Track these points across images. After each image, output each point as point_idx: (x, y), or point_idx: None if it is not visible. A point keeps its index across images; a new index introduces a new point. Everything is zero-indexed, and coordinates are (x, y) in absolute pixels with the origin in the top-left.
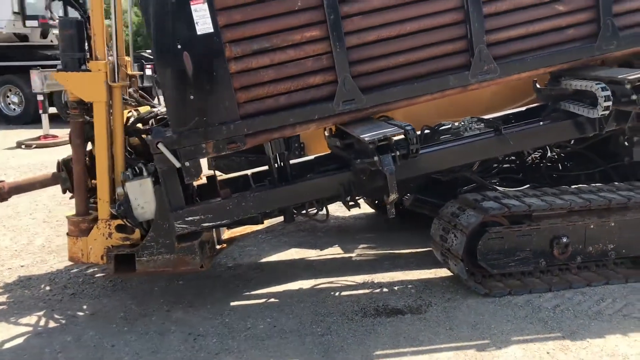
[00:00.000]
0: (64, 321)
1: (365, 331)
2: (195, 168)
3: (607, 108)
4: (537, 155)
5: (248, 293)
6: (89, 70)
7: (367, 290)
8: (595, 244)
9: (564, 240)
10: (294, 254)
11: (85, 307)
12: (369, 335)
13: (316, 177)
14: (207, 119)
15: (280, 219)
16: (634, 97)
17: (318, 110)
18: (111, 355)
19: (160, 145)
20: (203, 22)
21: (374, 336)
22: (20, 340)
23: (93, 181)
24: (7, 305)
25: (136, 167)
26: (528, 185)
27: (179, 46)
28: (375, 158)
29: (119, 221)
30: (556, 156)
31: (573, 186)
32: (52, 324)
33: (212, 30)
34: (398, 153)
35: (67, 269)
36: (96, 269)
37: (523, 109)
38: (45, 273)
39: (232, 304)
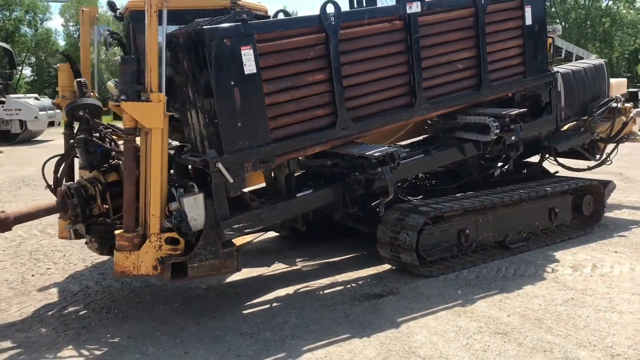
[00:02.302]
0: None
1: (372, 309)
2: (239, 183)
3: (496, 134)
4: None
5: (250, 302)
6: (150, 101)
7: (342, 287)
8: (484, 233)
9: (467, 232)
10: (247, 273)
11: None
12: (376, 311)
13: (319, 189)
14: (249, 142)
15: None
16: (512, 126)
17: (324, 135)
18: (235, 358)
19: (219, 164)
20: (249, 64)
21: (380, 311)
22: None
23: (105, 206)
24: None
25: (188, 185)
26: (422, 196)
27: (232, 83)
28: (379, 169)
29: (169, 234)
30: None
31: (461, 194)
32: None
33: (255, 71)
34: (393, 165)
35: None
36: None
37: (420, 138)
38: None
39: (244, 312)
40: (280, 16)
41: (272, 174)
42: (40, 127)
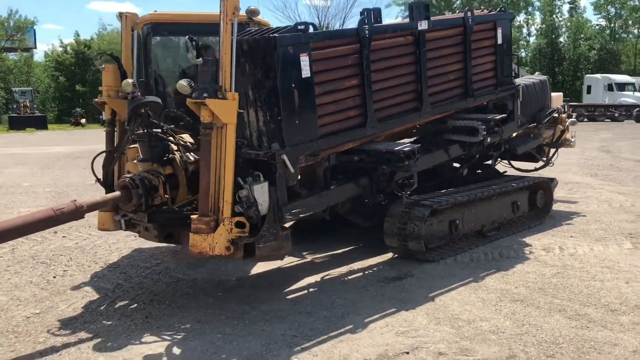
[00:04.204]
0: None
1: (400, 289)
2: (296, 174)
3: (483, 136)
4: None
5: (287, 289)
6: (226, 99)
7: (361, 273)
8: (468, 224)
9: (457, 222)
10: (265, 266)
11: (188, 317)
12: (405, 290)
13: (351, 181)
14: (303, 137)
15: None
16: (497, 129)
17: (356, 133)
18: (283, 341)
19: (284, 156)
20: (306, 69)
21: (408, 290)
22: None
23: (166, 195)
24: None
25: (255, 174)
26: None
27: (293, 85)
28: (406, 162)
29: (238, 218)
30: None
31: (444, 190)
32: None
33: (310, 75)
34: (416, 158)
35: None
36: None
37: (411, 139)
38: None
39: (287, 297)
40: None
41: (312, 167)
42: None
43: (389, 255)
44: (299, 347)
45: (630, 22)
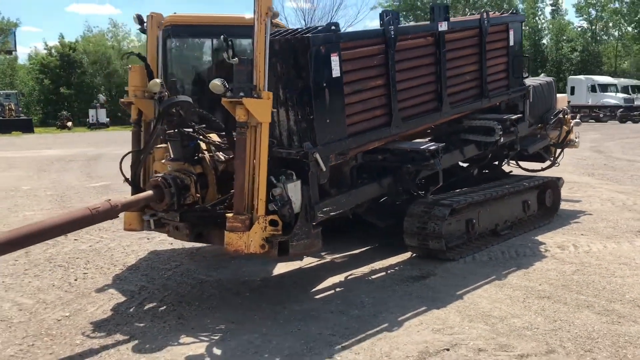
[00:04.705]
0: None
1: (426, 287)
2: (327, 172)
3: (499, 135)
4: None
5: (314, 289)
6: (261, 98)
7: (384, 273)
8: (483, 223)
9: (473, 221)
10: (285, 267)
11: (221, 317)
12: (431, 288)
13: (376, 179)
14: (333, 136)
15: None
16: (512, 129)
17: (382, 132)
18: (322, 340)
19: (316, 155)
20: (336, 69)
21: (435, 288)
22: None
23: (197, 194)
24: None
25: (287, 173)
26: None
27: (324, 84)
28: (432, 161)
29: (272, 216)
30: None
31: (458, 190)
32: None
33: (339, 74)
34: (441, 156)
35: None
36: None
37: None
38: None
39: (316, 297)
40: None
41: (339, 166)
42: None
43: (408, 254)
44: (339, 345)
45: (610, 25)
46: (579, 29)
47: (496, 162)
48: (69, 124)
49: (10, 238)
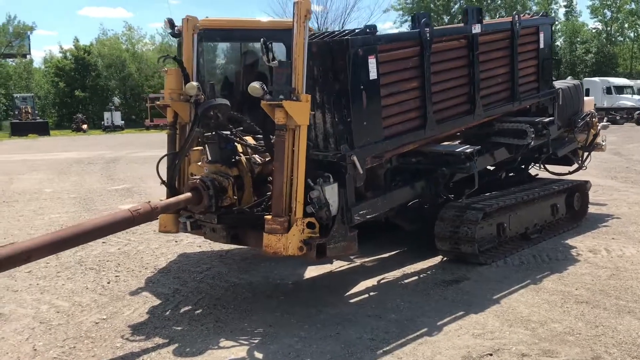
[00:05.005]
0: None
1: (461, 291)
2: (364, 175)
3: (531, 138)
4: None
5: (347, 293)
6: (300, 100)
7: (416, 277)
8: (514, 227)
9: (504, 225)
10: (316, 270)
11: (258, 320)
12: (466, 293)
13: (409, 183)
14: (370, 139)
15: None
16: (544, 131)
17: (416, 135)
18: (362, 344)
19: (354, 157)
20: (373, 71)
21: (470, 292)
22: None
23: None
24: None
25: (325, 175)
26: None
27: (362, 87)
28: (468, 164)
29: (309, 219)
30: None
31: (488, 194)
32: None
33: (376, 77)
34: (476, 159)
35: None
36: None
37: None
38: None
39: (350, 300)
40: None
41: (374, 169)
42: None
43: (438, 258)
44: (380, 350)
45: (626, 26)
46: (594, 31)
47: (522, 166)
48: (84, 126)
49: (55, 240)
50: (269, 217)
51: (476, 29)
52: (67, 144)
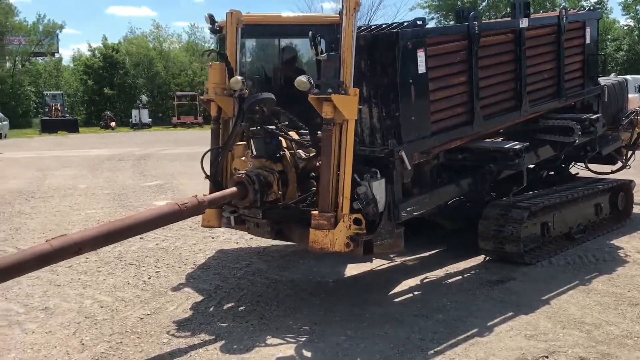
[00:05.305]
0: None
1: (508, 292)
2: (411, 171)
3: (578, 135)
4: None
5: (391, 292)
6: (348, 94)
7: (460, 277)
8: (558, 226)
9: (549, 224)
10: (356, 268)
11: (302, 318)
12: (513, 293)
13: (457, 179)
14: (417, 134)
15: None
16: (591, 129)
17: (463, 131)
18: (412, 344)
19: (402, 153)
20: (422, 65)
21: (517, 293)
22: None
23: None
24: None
25: (372, 171)
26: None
27: (410, 81)
28: (517, 161)
29: (356, 215)
30: None
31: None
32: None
33: (425, 71)
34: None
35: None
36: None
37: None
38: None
39: (395, 300)
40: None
41: (420, 165)
42: None
43: (480, 257)
44: (431, 350)
45: None
46: (626, 28)
47: (563, 165)
48: (113, 124)
49: (105, 232)
50: (315, 212)
51: (523, 23)
52: (97, 141)
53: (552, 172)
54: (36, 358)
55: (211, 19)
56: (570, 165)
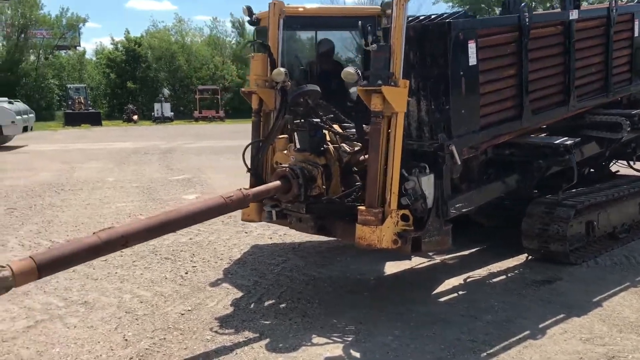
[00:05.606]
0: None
1: (556, 292)
2: (461, 166)
3: (627, 132)
4: None
5: (434, 292)
6: (398, 86)
7: (504, 276)
8: (603, 225)
9: (594, 223)
10: (395, 266)
11: (346, 316)
12: (561, 294)
13: (502, 177)
14: (467, 128)
15: None
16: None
17: (512, 126)
18: (462, 345)
19: (452, 147)
20: (473, 56)
21: (565, 294)
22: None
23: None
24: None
25: (420, 166)
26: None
27: (461, 73)
28: (567, 157)
29: (404, 211)
30: None
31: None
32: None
33: (475, 63)
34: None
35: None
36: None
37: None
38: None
39: (439, 299)
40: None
41: (466, 161)
42: (15, 132)
43: (522, 257)
44: (484, 352)
45: None
46: None
47: (604, 162)
48: (135, 117)
49: (152, 225)
50: (362, 208)
51: (573, 15)
52: (120, 135)
53: (592, 170)
54: (80, 353)
55: (249, 11)
56: (612, 163)
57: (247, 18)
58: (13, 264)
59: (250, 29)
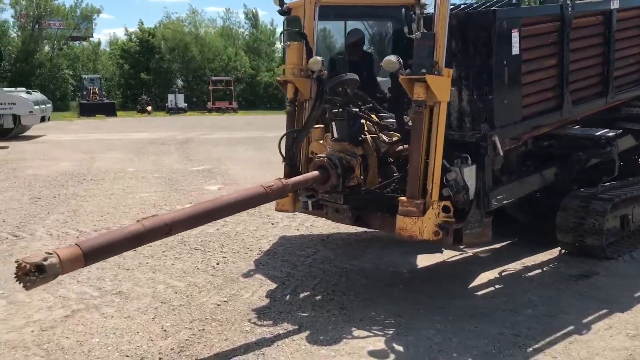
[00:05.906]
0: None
1: (594, 287)
2: (502, 157)
3: None
4: None
5: (471, 285)
6: (441, 75)
7: (539, 270)
8: (637, 219)
9: (629, 217)
10: (427, 259)
11: (385, 310)
12: (599, 288)
13: (542, 169)
14: (509, 119)
15: None
16: None
17: (552, 117)
18: (507, 340)
19: (495, 138)
20: (516, 46)
21: (603, 289)
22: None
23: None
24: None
25: (462, 156)
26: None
27: (504, 62)
28: (608, 149)
29: (445, 202)
30: None
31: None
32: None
33: (518, 52)
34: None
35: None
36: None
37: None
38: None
39: (476, 293)
40: None
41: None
42: (33, 122)
43: (555, 250)
44: (530, 348)
45: None
46: None
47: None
48: (149, 108)
49: (195, 213)
50: (403, 198)
51: (615, 4)
52: (135, 125)
53: (622, 163)
54: (120, 344)
55: (280, 0)
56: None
57: (278, 7)
58: (60, 251)
59: (264, 20)
